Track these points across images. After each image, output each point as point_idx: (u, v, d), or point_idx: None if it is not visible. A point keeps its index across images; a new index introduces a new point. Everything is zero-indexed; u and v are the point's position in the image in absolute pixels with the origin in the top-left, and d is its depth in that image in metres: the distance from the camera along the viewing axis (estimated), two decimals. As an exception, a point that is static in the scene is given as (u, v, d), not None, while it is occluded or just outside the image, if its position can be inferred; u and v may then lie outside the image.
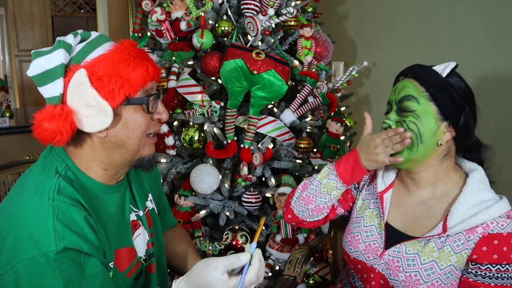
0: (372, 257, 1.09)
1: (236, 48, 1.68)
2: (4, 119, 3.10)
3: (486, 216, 0.95)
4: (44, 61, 0.83)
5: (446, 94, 0.99)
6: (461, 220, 0.97)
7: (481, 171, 1.04)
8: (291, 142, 1.85)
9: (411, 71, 1.04)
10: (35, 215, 0.80)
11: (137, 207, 1.05)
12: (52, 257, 0.77)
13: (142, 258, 1.05)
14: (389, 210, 1.12)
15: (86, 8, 6.03)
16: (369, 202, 1.17)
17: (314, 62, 1.96)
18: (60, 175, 0.87)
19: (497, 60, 1.91)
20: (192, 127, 1.76)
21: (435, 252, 1.00)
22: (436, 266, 0.99)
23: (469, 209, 0.97)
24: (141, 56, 0.88)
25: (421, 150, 1.01)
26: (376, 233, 1.11)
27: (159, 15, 1.79)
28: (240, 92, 1.70)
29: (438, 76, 1.00)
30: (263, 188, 1.81)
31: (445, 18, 2.12)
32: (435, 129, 1.00)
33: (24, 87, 5.75)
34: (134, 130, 0.89)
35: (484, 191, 1.00)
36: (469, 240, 0.97)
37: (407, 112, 1.01)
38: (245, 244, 1.76)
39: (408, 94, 1.01)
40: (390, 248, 1.06)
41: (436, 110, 0.99)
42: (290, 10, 1.71)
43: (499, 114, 1.90)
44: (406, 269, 1.02)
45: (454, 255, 0.98)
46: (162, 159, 1.86)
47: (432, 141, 1.00)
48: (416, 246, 1.03)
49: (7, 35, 5.68)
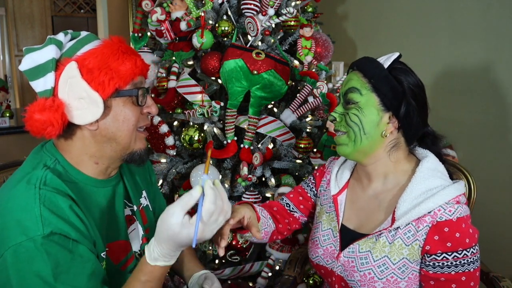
0: (331, 260, 1.09)
1: (236, 48, 1.68)
2: (4, 119, 3.11)
3: (430, 204, 0.93)
4: (35, 56, 0.85)
5: (386, 84, 0.98)
6: (406, 211, 0.95)
7: (431, 158, 1.02)
8: (291, 142, 1.85)
9: (357, 63, 1.04)
10: (22, 202, 0.81)
11: (131, 202, 1.06)
12: (39, 241, 0.78)
13: (137, 252, 1.05)
14: (344, 211, 1.11)
15: (86, 8, 6.03)
16: (326, 206, 1.17)
17: (314, 62, 1.96)
18: (48, 168, 0.88)
19: (497, 60, 1.91)
20: (192, 127, 1.76)
21: (386, 247, 0.98)
22: (388, 261, 0.97)
23: (415, 198, 0.95)
24: (130, 51, 0.91)
25: (365, 142, 1.00)
26: (332, 236, 1.11)
27: (159, 15, 1.79)
28: (240, 92, 1.70)
29: (380, 67, 1.00)
30: (263, 188, 1.81)
31: (445, 18, 2.12)
32: (378, 120, 0.99)
33: (24, 87, 5.75)
34: (124, 123, 0.91)
35: (432, 178, 0.97)
36: (418, 230, 0.94)
37: (351, 104, 1.01)
38: (245, 244, 1.77)
39: (352, 86, 1.01)
40: (345, 249, 1.05)
41: (378, 100, 0.99)
42: (290, 10, 1.71)
43: (498, 114, 1.90)
44: (360, 268, 1.01)
45: (405, 248, 0.96)
46: (162, 159, 1.86)
47: (376, 133, 0.99)
48: (368, 243, 1.01)
49: (7, 35, 5.68)
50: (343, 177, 1.15)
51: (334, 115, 1.05)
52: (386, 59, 1.01)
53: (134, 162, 0.97)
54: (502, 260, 1.87)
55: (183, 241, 0.80)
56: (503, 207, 1.92)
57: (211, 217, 0.80)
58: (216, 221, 0.81)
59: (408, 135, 1.02)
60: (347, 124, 1.02)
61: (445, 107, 2.11)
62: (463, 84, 2.03)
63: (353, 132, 1.00)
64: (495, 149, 1.94)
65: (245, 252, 1.80)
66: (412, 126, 1.00)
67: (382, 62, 1.01)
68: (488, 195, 1.88)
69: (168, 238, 0.80)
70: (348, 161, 1.18)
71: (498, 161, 1.93)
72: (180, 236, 0.79)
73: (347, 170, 1.16)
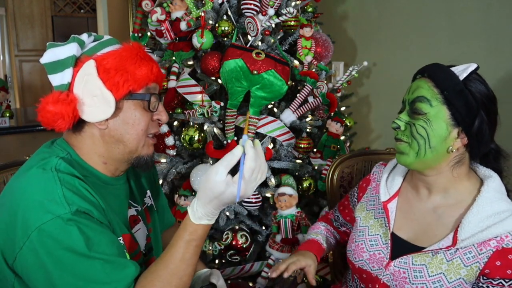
0: (377, 267, 1.05)
1: (236, 48, 1.68)
2: (4, 119, 3.10)
3: (499, 230, 0.90)
4: (57, 51, 0.88)
5: (461, 99, 0.93)
6: (472, 234, 0.92)
7: (496, 179, 0.98)
8: (291, 142, 1.85)
9: (428, 70, 0.98)
10: (41, 184, 0.82)
11: (136, 203, 1.08)
12: (66, 217, 0.79)
13: (143, 252, 1.06)
14: (395, 219, 1.08)
15: (86, 8, 6.03)
16: (374, 212, 1.14)
17: (314, 62, 1.96)
18: (61, 158, 0.89)
19: (497, 60, 1.91)
20: (192, 127, 1.76)
21: (443, 264, 0.95)
22: (444, 279, 0.94)
23: (481, 221, 0.92)
24: (148, 58, 0.93)
25: (429, 155, 0.96)
26: (382, 242, 1.07)
27: (159, 15, 1.79)
28: (240, 92, 1.70)
29: (455, 79, 0.94)
30: (263, 188, 1.81)
31: (445, 18, 2.12)
32: (446, 135, 0.94)
33: (24, 87, 5.74)
34: (133, 126, 0.92)
35: (499, 201, 0.94)
36: (480, 253, 0.92)
37: (418, 115, 0.96)
38: (245, 244, 1.77)
39: (421, 95, 0.96)
40: (396, 259, 1.02)
41: (448, 114, 0.94)
42: (290, 10, 1.71)
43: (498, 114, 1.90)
44: (413, 280, 0.97)
45: (464, 268, 0.93)
46: (162, 159, 1.86)
47: (442, 147, 0.95)
48: (423, 257, 0.98)
49: (7, 35, 5.68)
50: (394, 184, 1.11)
51: (399, 123, 0.99)
52: (462, 71, 0.95)
53: (140, 167, 0.98)
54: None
55: (227, 198, 0.82)
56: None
57: (252, 175, 0.82)
58: (255, 179, 0.83)
59: (475, 152, 0.98)
60: (412, 135, 0.97)
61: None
62: (463, 84, 2.03)
63: (418, 144, 0.96)
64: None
65: (245, 252, 1.80)
66: (482, 144, 0.96)
67: (457, 73, 0.95)
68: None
69: (213, 197, 0.82)
70: (398, 166, 1.14)
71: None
72: (224, 194, 0.81)
73: (399, 177, 1.11)
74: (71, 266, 0.78)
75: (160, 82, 0.97)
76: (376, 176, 1.19)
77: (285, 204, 1.67)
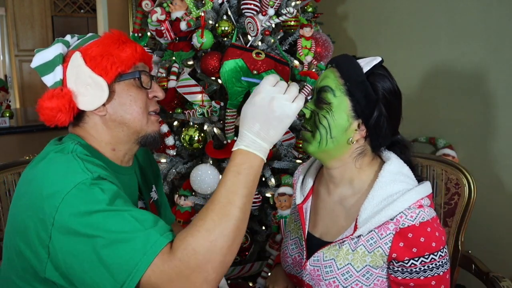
0: (300, 269, 1.06)
1: (236, 48, 1.68)
2: (4, 119, 3.11)
3: (390, 211, 0.90)
4: (45, 54, 0.92)
5: (361, 90, 0.93)
6: (368, 218, 0.93)
7: (394, 161, 0.97)
8: (291, 142, 1.85)
9: (336, 61, 0.98)
10: (63, 163, 0.84)
11: (143, 196, 1.11)
12: (88, 182, 0.80)
13: None
14: (309, 219, 1.08)
15: (86, 8, 6.03)
16: (294, 216, 1.16)
17: (314, 62, 1.96)
18: (76, 143, 0.91)
19: (497, 60, 1.91)
20: (192, 127, 1.76)
21: (349, 255, 0.96)
22: (352, 269, 0.95)
23: (376, 205, 0.93)
24: (129, 41, 0.97)
25: (330, 146, 0.96)
26: (300, 244, 1.08)
27: (159, 15, 1.79)
28: (240, 92, 1.70)
29: (358, 70, 0.94)
30: (263, 188, 1.81)
31: (445, 17, 2.12)
32: (347, 126, 0.95)
33: (24, 87, 5.75)
34: (131, 106, 0.95)
35: (393, 183, 0.94)
36: (381, 237, 0.92)
37: (323, 104, 0.96)
38: (245, 244, 1.77)
39: (327, 84, 0.96)
40: (310, 258, 1.02)
41: (350, 106, 0.94)
42: (290, 10, 1.71)
43: (499, 114, 1.90)
44: (325, 276, 0.98)
45: (368, 255, 0.94)
46: (162, 159, 1.86)
47: (343, 138, 0.96)
48: (331, 251, 0.99)
49: (7, 35, 5.69)
50: (307, 185, 1.11)
51: (305, 111, 0.99)
52: (366, 63, 0.95)
53: (148, 145, 1.00)
54: (502, 260, 1.87)
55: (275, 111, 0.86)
56: (503, 207, 1.92)
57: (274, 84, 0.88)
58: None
59: (374, 145, 0.99)
60: (315, 124, 0.97)
61: (445, 107, 2.11)
62: (463, 84, 2.03)
63: (319, 134, 0.96)
64: (495, 149, 1.94)
65: (245, 252, 1.80)
66: (380, 136, 0.96)
67: (362, 65, 0.95)
68: (488, 195, 1.88)
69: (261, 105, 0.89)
70: (312, 167, 1.14)
71: (498, 161, 1.93)
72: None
73: (312, 176, 1.12)
74: (102, 224, 0.76)
75: (147, 61, 1.01)
76: (296, 179, 1.19)
77: (285, 204, 1.67)
